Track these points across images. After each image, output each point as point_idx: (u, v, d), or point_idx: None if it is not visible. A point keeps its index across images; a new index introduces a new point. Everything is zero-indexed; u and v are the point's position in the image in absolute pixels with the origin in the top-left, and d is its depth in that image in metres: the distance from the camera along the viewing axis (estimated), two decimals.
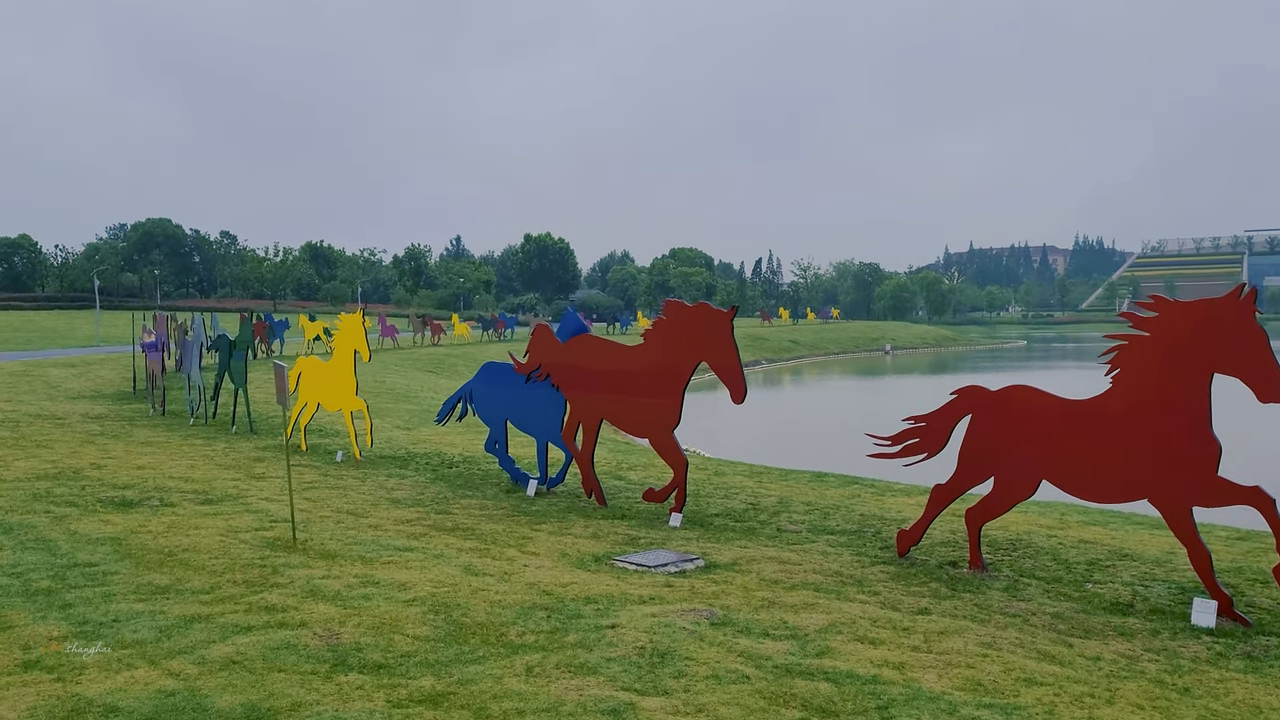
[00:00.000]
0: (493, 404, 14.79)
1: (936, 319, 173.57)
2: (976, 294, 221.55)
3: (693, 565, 9.49)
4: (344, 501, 12.89)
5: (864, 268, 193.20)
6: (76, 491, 13.19)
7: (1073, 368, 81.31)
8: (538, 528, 11.25)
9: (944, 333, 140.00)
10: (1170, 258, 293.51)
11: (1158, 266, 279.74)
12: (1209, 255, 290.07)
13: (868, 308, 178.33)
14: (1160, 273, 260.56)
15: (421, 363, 50.21)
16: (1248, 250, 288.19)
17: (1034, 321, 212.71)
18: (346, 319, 17.37)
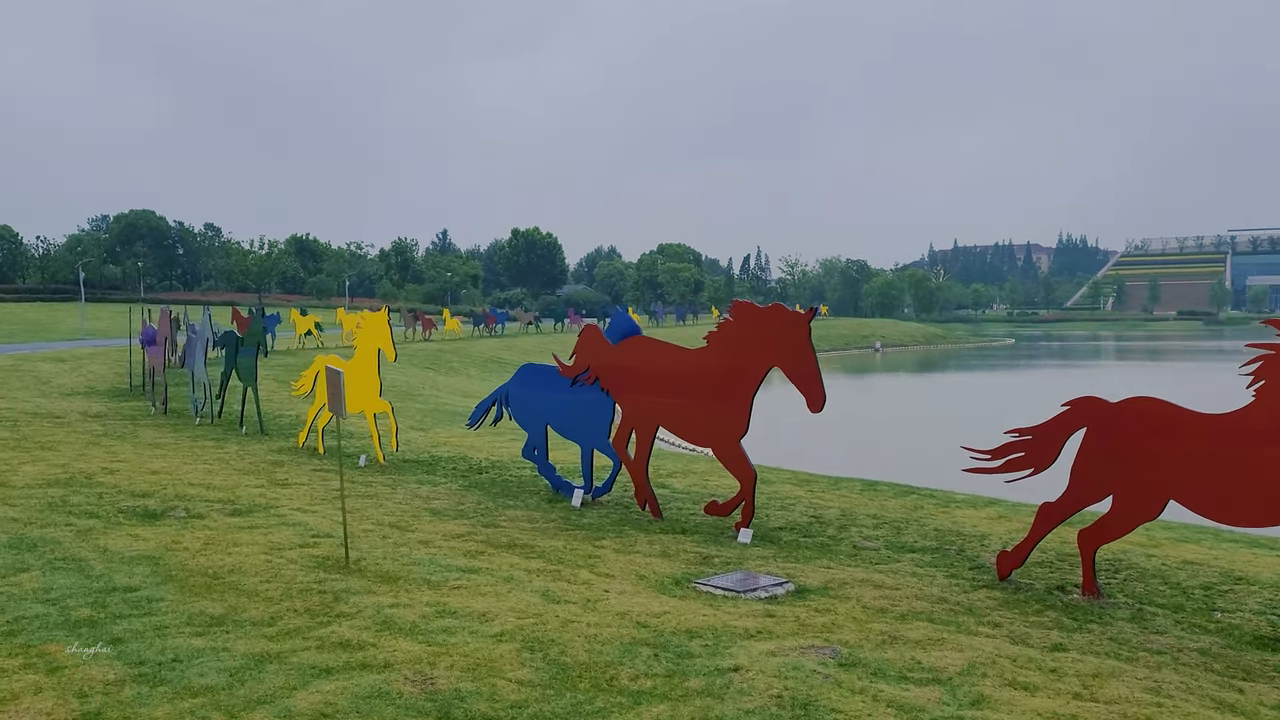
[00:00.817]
0: (532, 408, 14.02)
1: (924, 317, 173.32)
2: (962, 292, 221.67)
3: (783, 590, 8.76)
4: (381, 512, 12.11)
5: (851, 265, 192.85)
6: (94, 500, 12.37)
7: (1076, 366, 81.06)
8: (599, 544, 10.49)
9: (933, 330, 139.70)
10: (1154, 256, 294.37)
11: (1142, 265, 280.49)
12: (1192, 255, 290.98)
13: (855, 305, 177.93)
14: (1144, 271, 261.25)
15: (416, 359, 49.25)
16: (1230, 250, 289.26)
17: (1019, 319, 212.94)
18: (371, 316, 16.58)
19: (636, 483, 12.31)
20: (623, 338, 12.68)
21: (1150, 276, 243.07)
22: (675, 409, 11.68)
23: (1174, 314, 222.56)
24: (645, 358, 12.12)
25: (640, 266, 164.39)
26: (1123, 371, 76.78)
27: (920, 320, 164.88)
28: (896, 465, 22.75)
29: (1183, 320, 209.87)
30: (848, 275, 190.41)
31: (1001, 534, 11.35)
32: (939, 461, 14.55)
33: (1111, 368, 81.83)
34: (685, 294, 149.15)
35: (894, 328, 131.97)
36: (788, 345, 10.45)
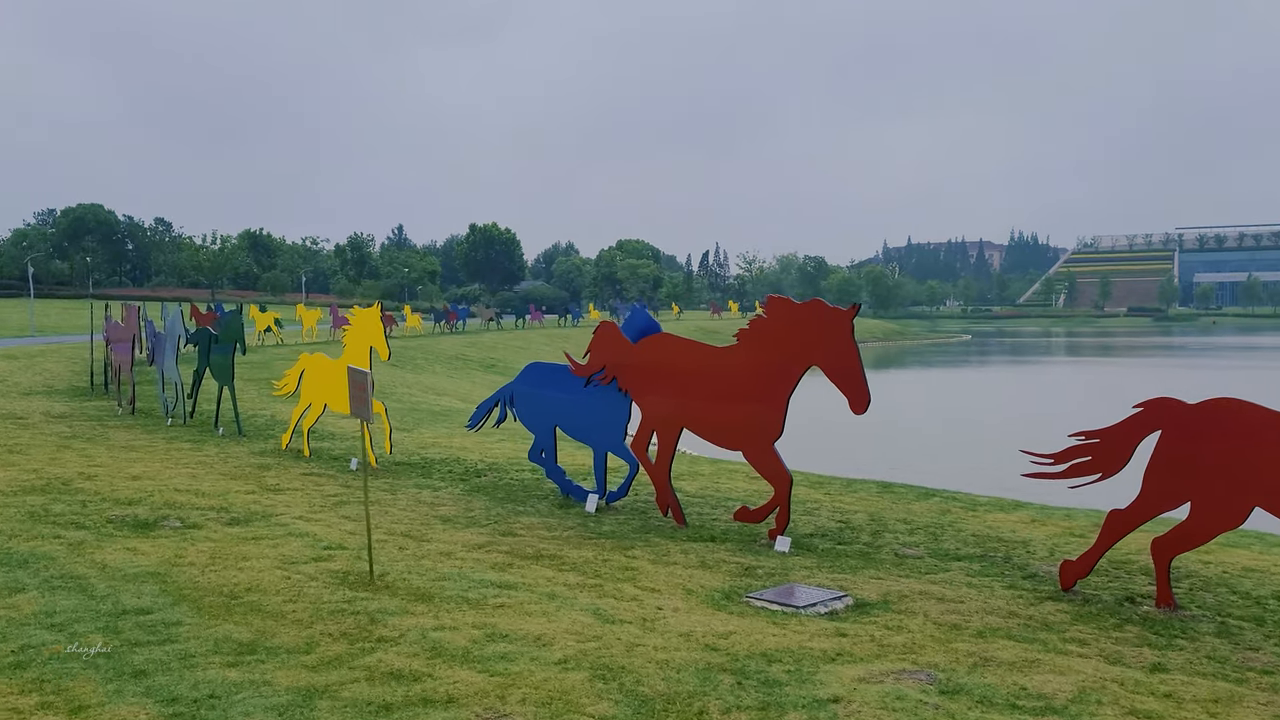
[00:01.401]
0: (539, 409, 13.39)
1: (882, 313, 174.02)
2: (917, 288, 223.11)
3: (841, 604, 8.22)
4: (390, 521, 11.43)
5: (808, 261, 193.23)
6: (78, 509, 11.58)
7: (1038, 363, 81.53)
8: (630, 554, 9.89)
9: (891, 326, 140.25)
10: (1104, 254, 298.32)
11: (1092, 262, 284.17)
12: (1141, 252, 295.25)
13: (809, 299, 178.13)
14: (1095, 268, 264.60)
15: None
16: (1178, 247, 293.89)
17: (974, 316, 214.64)
18: (362, 313, 15.84)
19: (659, 488, 11.73)
20: (641, 335, 12.10)
21: (1101, 273, 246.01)
22: (703, 410, 11.10)
23: (1124, 310, 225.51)
24: (669, 356, 11.53)
25: (599, 263, 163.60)
26: (1084, 367, 77.28)
27: (877, 317, 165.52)
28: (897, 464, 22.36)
29: (1133, 316, 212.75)
30: (805, 272, 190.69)
31: (1043, 539, 10.90)
32: (938, 459, 14.11)
33: (1074, 364, 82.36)
34: (644, 290, 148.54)
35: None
36: (829, 343, 9.91)
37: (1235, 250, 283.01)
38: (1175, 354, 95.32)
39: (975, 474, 21.78)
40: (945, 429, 36.75)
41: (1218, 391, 8.55)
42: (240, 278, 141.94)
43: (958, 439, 33.48)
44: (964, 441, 32.40)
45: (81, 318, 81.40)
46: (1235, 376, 59.99)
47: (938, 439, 33.41)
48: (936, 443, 31.83)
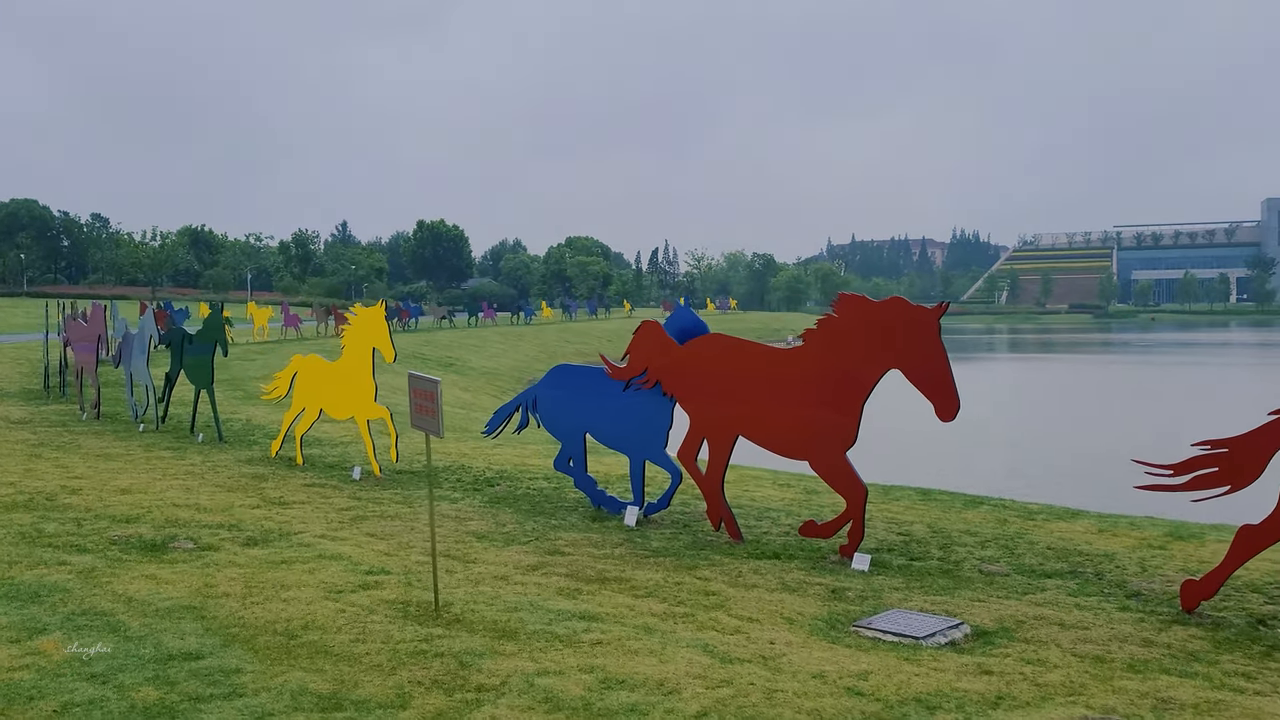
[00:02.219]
0: (567, 414, 12.53)
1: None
2: (863, 285, 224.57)
3: (960, 633, 7.48)
4: (421, 538, 10.51)
5: (757, 258, 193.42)
6: (73, 529, 10.53)
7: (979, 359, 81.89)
8: (702, 576, 9.08)
9: None
10: (1045, 251, 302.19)
11: (1033, 260, 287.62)
12: (1081, 249, 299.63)
13: (761, 298, 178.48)
14: (1036, 265, 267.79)
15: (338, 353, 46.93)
16: (1116, 245, 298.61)
17: None
18: (365, 311, 14.87)
19: (711, 500, 10.91)
20: (685, 335, 11.29)
21: (1043, 270, 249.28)
22: (764, 417, 10.30)
23: (1066, 307, 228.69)
24: (724, 358, 10.72)
25: (548, 260, 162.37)
26: (1039, 365, 77.69)
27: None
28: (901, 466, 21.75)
29: (1074, 314, 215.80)
30: (754, 269, 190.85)
31: (1125, 553, 10.25)
32: (930, 461, 13.40)
33: (1025, 360, 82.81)
34: (593, 288, 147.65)
35: (805, 321, 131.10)
36: (915, 345, 9.16)
37: (1171, 248, 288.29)
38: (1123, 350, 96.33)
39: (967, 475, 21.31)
40: (920, 428, 36.28)
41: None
42: (180, 275, 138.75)
43: (941, 439, 33.02)
44: (945, 441, 31.95)
45: (16, 316, 78.76)
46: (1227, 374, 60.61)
47: (920, 439, 32.94)
48: (918, 443, 31.35)
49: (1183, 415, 39.62)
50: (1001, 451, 28.88)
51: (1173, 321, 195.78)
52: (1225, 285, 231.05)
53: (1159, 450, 9.88)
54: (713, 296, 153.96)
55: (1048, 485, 21.31)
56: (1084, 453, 27.29)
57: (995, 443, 30.25)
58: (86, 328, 22.74)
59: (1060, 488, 20.33)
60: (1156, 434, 33.95)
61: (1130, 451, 9.82)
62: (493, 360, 62.07)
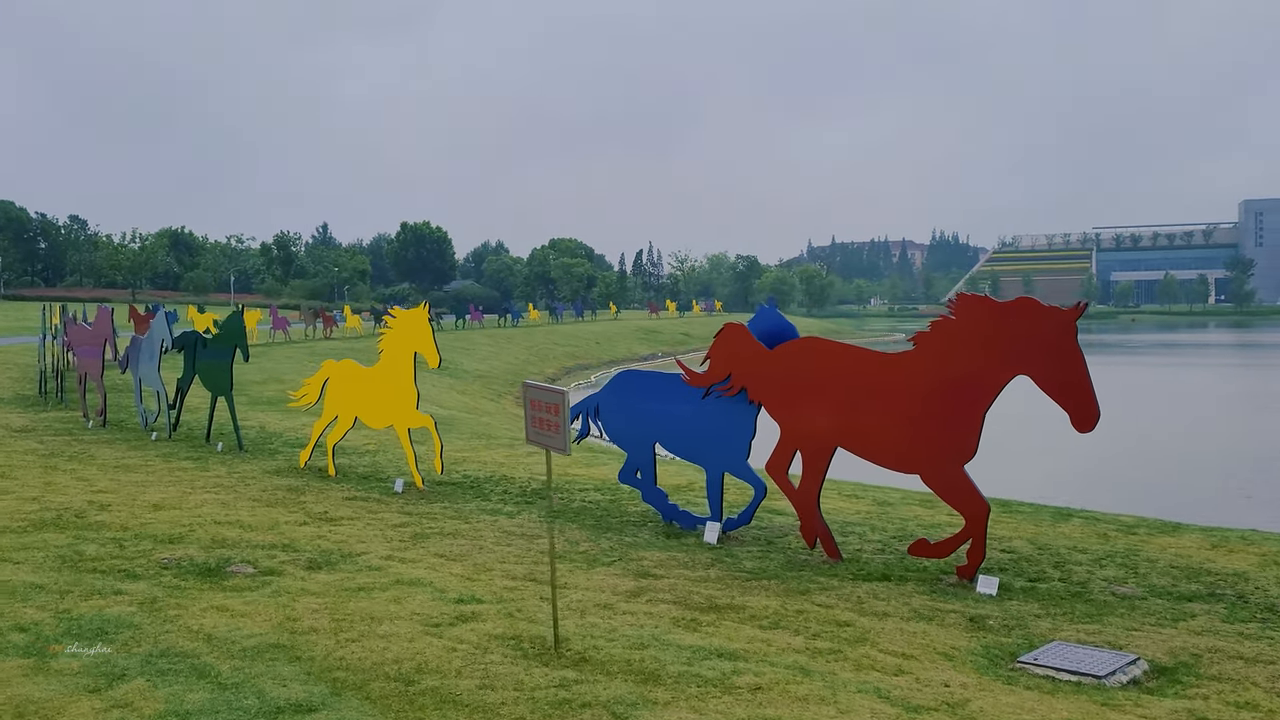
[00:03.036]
0: (635, 423, 11.75)
1: (816, 312, 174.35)
2: (845, 287, 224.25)
3: (1139, 669, 6.75)
4: (494, 559, 9.72)
5: (740, 260, 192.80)
6: (115, 551, 9.69)
7: None
8: (822, 603, 8.31)
9: (828, 325, 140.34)
10: (1024, 253, 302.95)
11: (1013, 261, 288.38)
12: (1060, 251, 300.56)
13: (745, 300, 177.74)
14: (1016, 267, 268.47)
15: (329, 356, 45.91)
16: (1095, 246, 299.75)
17: (900, 314, 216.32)
18: (406, 314, 14.04)
19: (805, 516, 10.15)
20: (770, 339, 10.53)
21: (1023, 272, 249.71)
22: (869, 428, 9.54)
23: None
24: (823, 363, 9.94)
25: (532, 262, 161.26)
26: None
27: (811, 316, 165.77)
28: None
29: None
30: (737, 271, 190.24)
31: (1254, 571, 9.56)
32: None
33: None
34: (578, 289, 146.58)
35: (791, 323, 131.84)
36: (1050, 350, 8.42)
37: (1149, 250, 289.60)
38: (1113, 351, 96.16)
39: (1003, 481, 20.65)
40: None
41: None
42: (159, 278, 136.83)
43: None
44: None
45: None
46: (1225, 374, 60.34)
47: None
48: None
49: (1185, 416, 39.29)
50: (1023, 457, 28.25)
51: (1153, 323, 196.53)
52: (1204, 286, 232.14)
53: (1169, 450, 9.17)
54: (697, 298, 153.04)
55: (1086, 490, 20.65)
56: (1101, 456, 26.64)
57: (1015, 448, 29.65)
58: (91, 331, 21.77)
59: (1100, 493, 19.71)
60: (1161, 435, 33.52)
61: (1144, 454, 9.16)
62: (484, 363, 61.18)
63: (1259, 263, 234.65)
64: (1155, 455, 28.25)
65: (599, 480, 14.61)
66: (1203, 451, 29.56)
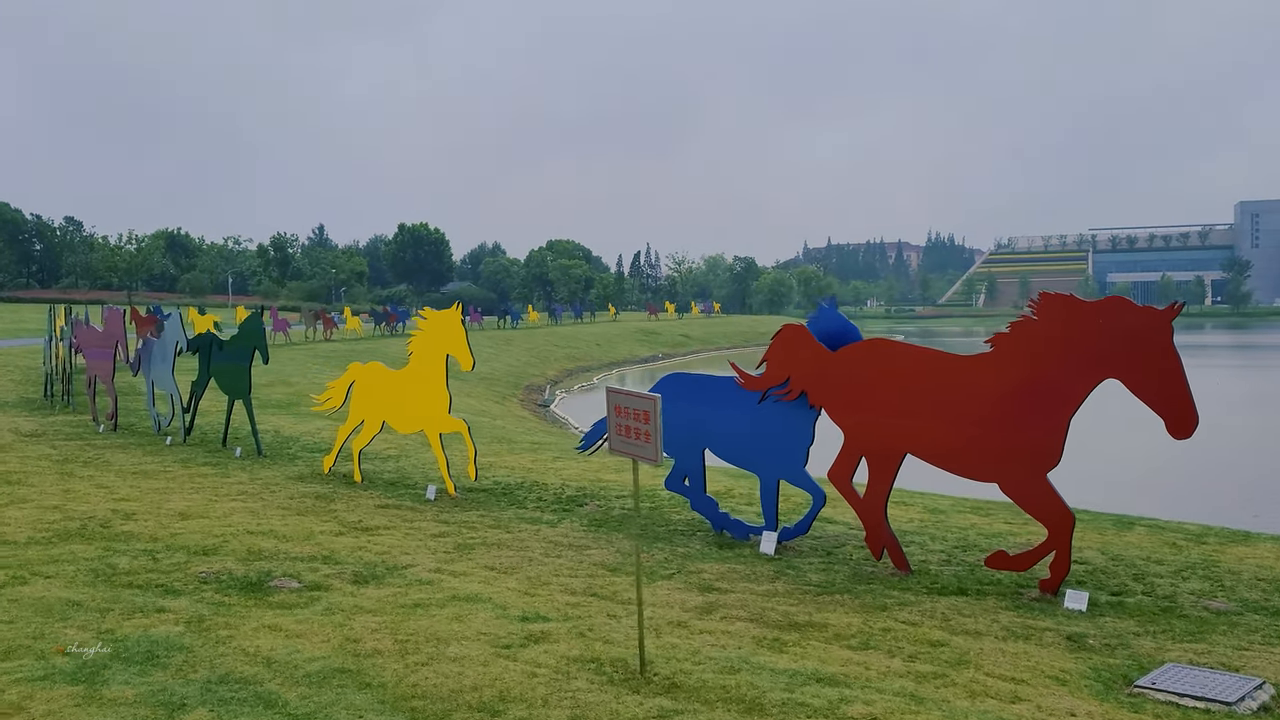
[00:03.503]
0: (684, 428, 11.28)
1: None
2: (842, 288, 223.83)
3: (1266, 694, 6.31)
4: (549, 572, 9.26)
5: (738, 261, 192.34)
6: (147, 564, 9.22)
7: None
8: (907, 620, 7.85)
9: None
10: (1021, 254, 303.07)
11: (1010, 262, 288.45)
12: (1057, 252, 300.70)
13: (743, 301, 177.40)
14: (1013, 269, 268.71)
15: (333, 360, 45.64)
16: (1092, 248, 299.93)
17: (897, 316, 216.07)
18: (438, 315, 13.57)
19: (873, 526, 9.70)
20: (832, 340, 10.08)
21: (1021, 273, 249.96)
22: (941, 433, 9.08)
23: None
24: (891, 367, 9.48)
25: (529, 263, 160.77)
26: None
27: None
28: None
29: None
30: (735, 272, 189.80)
31: None
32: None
33: None
34: (575, 291, 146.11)
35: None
36: (1143, 353, 7.97)
37: (1145, 251, 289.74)
38: None
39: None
40: None
41: None
42: (155, 279, 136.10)
43: None
44: None
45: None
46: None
47: None
48: None
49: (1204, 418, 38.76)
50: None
51: None
52: (1201, 288, 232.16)
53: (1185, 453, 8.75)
54: (695, 300, 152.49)
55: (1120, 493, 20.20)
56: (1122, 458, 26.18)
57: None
58: (102, 333, 21.25)
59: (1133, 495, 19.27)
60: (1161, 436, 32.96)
61: (1156, 455, 8.70)
62: (486, 365, 60.55)
63: (1255, 264, 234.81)
64: (1173, 458, 27.81)
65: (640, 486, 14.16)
66: (1226, 453, 29.15)
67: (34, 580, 8.52)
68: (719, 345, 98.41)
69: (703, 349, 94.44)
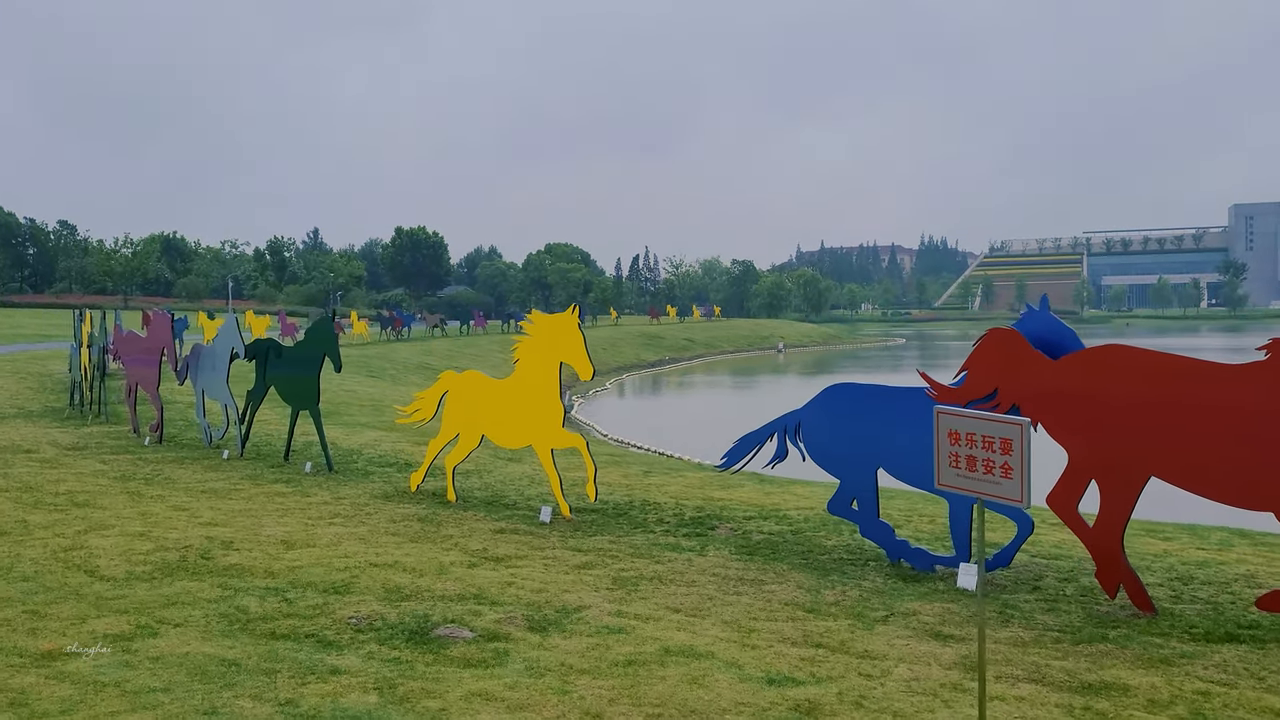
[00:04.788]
0: (852, 444, 10.08)
1: (814, 317, 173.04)
2: (838, 292, 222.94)
3: None
4: (740, 612, 8.05)
5: (736, 265, 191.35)
6: (281, 607, 8.00)
7: None
8: (1220, 681, 6.65)
9: (828, 330, 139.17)
10: (1016, 257, 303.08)
11: (1005, 266, 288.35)
12: (1051, 255, 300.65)
13: (741, 304, 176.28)
14: (1008, 271, 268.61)
15: (346, 364, 44.27)
16: (1086, 251, 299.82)
17: (893, 319, 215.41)
18: (550, 319, 12.35)
19: (1107, 560, 8.49)
20: (1050, 346, 8.89)
21: (1017, 276, 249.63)
22: (1200, 454, 7.89)
23: None
24: (1134, 377, 8.28)
25: (528, 267, 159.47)
26: None
27: (810, 320, 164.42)
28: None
29: None
30: (732, 275, 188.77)
31: None
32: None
33: None
34: (574, 295, 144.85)
35: (791, 328, 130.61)
36: None
37: (1140, 254, 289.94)
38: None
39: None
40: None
41: None
42: (150, 284, 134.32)
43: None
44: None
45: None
46: None
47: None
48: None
49: None
50: None
51: (1147, 327, 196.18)
52: (1197, 290, 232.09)
53: None
54: (694, 304, 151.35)
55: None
56: None
57: None
58: (146, 339, 19.94)
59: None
60: None
61: None
62: (497, 370, 59.48)
63: (1249, 266, 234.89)
64: None
65: (759, 506, 13.00)
66: None
67: (164, 630, 7.30)
68: (722, 349, 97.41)
69: (707, 353, 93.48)
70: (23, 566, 9.27)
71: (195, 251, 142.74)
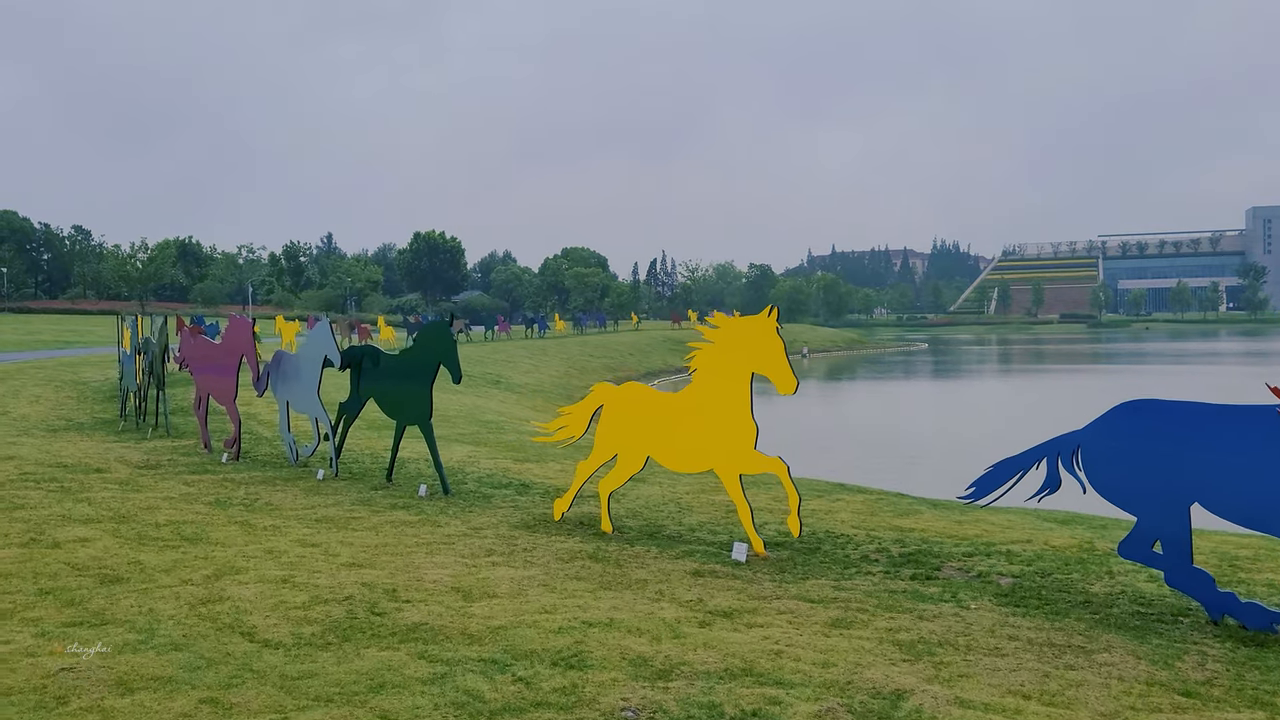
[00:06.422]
0: (1155, 475, 8.28)
1: (833, 321, 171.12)
2: (854, 297, 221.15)
3: None
4: (1022, 697, 6.28)
5: (753, 269, 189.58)
6: (520, 690, 6.31)
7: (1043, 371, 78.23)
8: None
9: (851, 335, 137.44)
10: (1031, 261, 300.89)
11: (1020, 269, 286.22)
12: (1066, 259, 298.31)
13: (758, 309, 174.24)
14: (1024, 275, 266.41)
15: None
16: (1102, 254, 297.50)
17: (907, 324, 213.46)
18: (740, 323, 10.65)
19: None
20: None
21: (1033, 280, 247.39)
22: None
23: (1056, 317, 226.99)
24: None
25: (544, 271, 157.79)
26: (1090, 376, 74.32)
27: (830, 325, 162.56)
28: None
29: (1066, 323, 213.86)
30: (749, 280, 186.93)
31: None
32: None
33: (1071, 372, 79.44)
34: (591, 299, 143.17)
35: (813, 333, 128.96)
36: None
37: (1156, 257, 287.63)
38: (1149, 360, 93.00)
39: None
40: None
41: None
42: (165, 289, 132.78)
43: None
44: None
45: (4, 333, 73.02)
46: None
47: None
48: None
49: None
50: None
51: (1165, 331, 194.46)
52: (1216, 294, 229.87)
53: None
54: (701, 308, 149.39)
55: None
56: None
57: None
58: (222, 345, 18.18)
59: None
60: None
61: None
62: (529, 375, 57.98)
63: (1268, 270, 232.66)
64: None
65: (963, 538, 11.22)
66: None
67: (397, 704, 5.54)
68: None
69: None
70: (165, 629, 7.52)
71: (211, 256, 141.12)
